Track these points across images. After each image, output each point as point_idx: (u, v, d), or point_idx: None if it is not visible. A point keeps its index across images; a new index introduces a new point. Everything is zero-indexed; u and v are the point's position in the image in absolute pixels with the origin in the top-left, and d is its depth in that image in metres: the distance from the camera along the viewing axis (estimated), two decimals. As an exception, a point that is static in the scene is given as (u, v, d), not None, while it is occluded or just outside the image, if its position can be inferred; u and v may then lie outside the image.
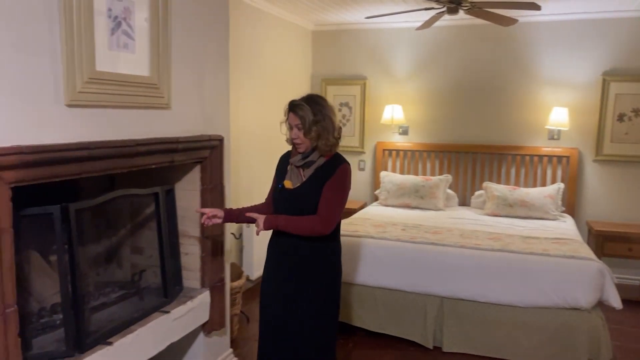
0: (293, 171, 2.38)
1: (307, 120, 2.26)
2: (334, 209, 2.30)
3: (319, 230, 2.27)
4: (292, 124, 2.29)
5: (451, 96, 5.25)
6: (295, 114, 2.29)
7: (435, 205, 4.83)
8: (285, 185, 2.39)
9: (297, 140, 2.31)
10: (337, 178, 2.30)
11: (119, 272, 2.80)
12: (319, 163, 2.33)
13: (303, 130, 2.28)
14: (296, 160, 2.35)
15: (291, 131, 2.33)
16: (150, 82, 2.31)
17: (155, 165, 2.37)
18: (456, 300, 3.41)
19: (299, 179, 2.36)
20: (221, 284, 2.89)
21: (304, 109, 2.28)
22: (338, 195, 2.31)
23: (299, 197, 2.33)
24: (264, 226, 2.29)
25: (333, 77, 5.65)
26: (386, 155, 5.50)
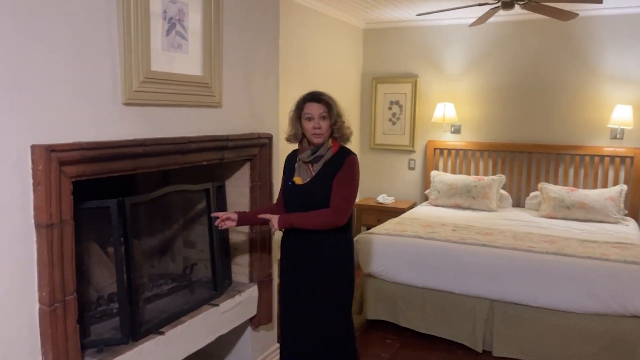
0: (302, 167, 2.38)
1: (335, 108, 2.31)
2: (346, 200, 2.30)
3: (333, 222, 2.28)
4: (315, 114, 2.29)
5: (506, 94, 5.09)
6: (321, 103, 2.30)
7: (488, 206, 4.71)
8: (295, 181, 2.39)
9: (318, 131, 2.30)
10: (346, 169, 2.30)
11: (172, 265, 2.90)
12: (327, 157, 2.34)
13: (329, 120, 2.30)
14: (305, 156, 2.36)
15: (309, 122, 2.31)
16: (202, 81, 2.39)
17: (206, 162, 2.44)
18: (507, 303, 3.31)
19: (308, 174, 2.36)
20: (269, 279, 2.94)
21: (331, 98, 2.33)
22: (349, 187, 2.31)
23: (309, 192, 2.34)
24: (278, 226, 2.31)
25: (384, 76, 5.61)
26: (437, 154, 5.41)
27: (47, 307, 1.71)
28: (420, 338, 3.55)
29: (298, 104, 2.37)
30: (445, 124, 5.29)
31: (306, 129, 2.34)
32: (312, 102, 2.33)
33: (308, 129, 2.33)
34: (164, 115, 2.19)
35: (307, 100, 2.34)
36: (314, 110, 2.31)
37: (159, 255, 2.80)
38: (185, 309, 2.44)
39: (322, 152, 2.33)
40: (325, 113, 2.31)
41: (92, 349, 2.04)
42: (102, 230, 2.28)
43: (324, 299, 2.38)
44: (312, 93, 2.35)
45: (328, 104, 2.32)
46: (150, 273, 2.66)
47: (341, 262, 2.41)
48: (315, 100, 2.32)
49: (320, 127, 2.30)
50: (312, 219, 2.30)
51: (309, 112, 2.31)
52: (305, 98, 2.36)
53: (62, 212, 1.74)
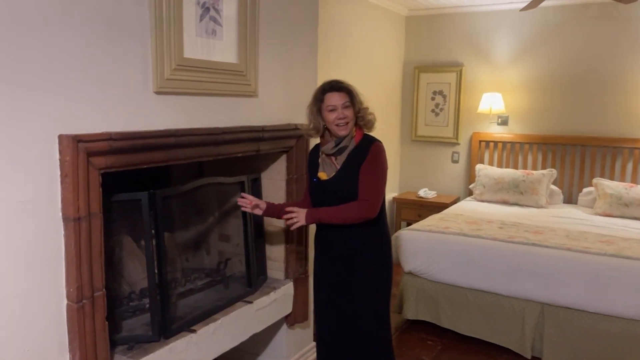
0: (325, 161, 2.26)
1: (357, 97, 2.20)
2: (375, 190, 2.18)
3: (364, 215, 2.16)
4: (337, 104, 2.16)
5: (558, 83, 4.78)
6: (342, 92, 2.18)
7: (537, 202, 4.45)
8: (320, 177, 2.27)
9: (343, 120, 2.17)
10: (372, 157, 2.18)
11: (206, 259, 2.83)
12: (351, 147, 2.21)
13: (353, 108, 2.18)
14: (328, 149, 2.23)
15: (332, 113, 2.17)
16: (237, 69, 2.28)
17: (241, 153, 2.34)
18: (559, 307, 3.08)
19: (332, 168, 2.24)
20: (305, 276, 2.83)
21: (351, 85, 2.21)
22: (376, 175, 2.18)
23: (335, 186, 2.22)
24: (306, 220, 2.18)
25: (427, 64, 5.38)
26: (482, 146, 5.16)
27: (74, 303, 1.65)
28: (463, 341, 3.37)
29: (316, 96, 2.23)
30: (492, 115, 5.03)
31: (329, 121, 2.19)
32: (333, 92, 2.18)
33: (331, 121, 2.18)
34: (197, 104, 2.09)
35: (327, 90, 2.20)
36: (336, 101, 2.17)
37: (192, 250, 2.73)
38: (218, 305, 2.36)
39: (346, 142, 2.21)
40: (349, 102, 2.18)
41: (122, 345, 1.98)
42: (136, 223, 2.22)
43: (358, 296, 2.27)
44: (331, 82, 2.21)
45: (350, 92, 2.19)
46: (184, 268, 2.59)
47: (376, 256, 2.28)
48: (335, 90, 2.19)
49: (345, 117, 2.17)
50: (340, 213, 2.17)
51: (331, 103, 2.17)
52: (325, 88, 2.21)
53: (90, 205, 1.67)
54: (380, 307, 2.32)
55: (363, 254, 2.26)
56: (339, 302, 2.30)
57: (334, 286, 2.31)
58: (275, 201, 2.70)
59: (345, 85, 2.20)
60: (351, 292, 2.27)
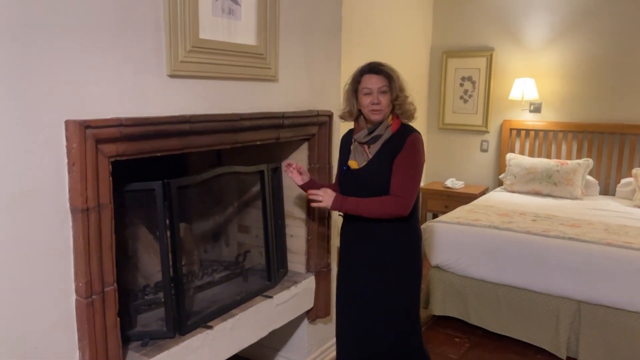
0: (357, 149, 2.13)
1: (397, 81, 2.04)
2: (410, 186, 2.03)
3: (395, 212, 2.02)
4: (374, 87, 2.02)
5: (595, 67, 4.52)
6: (381, 75, 2.04)
7: (572, 193, 4.23)
8: (350, 165, 2.13)
9: (377, 107, 2.03)
10: (409, 150, 2.03)
11: (224, 251, 2.74)
12: (386, 136, 2.07)
13: (390, 94, 2.04)
14: (361, 136, 2.09)
15: (367, 97, 2.04)
16: (257, 52, 2.15)
17: (260, 141, 2.22)
18: (597, 306, 2.90)
19: (364, 157, 2.10)
20: (327, 270, 2.71)
21: (392, 70, 2.06)
22: (412, 170, 2.03)
23: (365, 177, 2.08)
24: (331, 205, 2.06)
25: (455, 49, 5.16)
26: (514, 135, 4.93)
27: (83, 299, 1.57)
28: (492, 338, 3.21)
29: (354, 77, 2.10)
30: (524, 102, 4.80)
31: (363, 105, 2.07)
32: (371, 74, 2.05)
33: (365, 105, 2.05)
34: (214, 88, 1.98)
35: (365, 72, 2.07)
36: (372, 84, 2.04)
37: (211, 241, 2.64)
38: (236, 300, 2.26)
39: (381, 131, 2.06)
40: (386, 87, 2.04)
41: (136, 342, 1.89)
42: (151, 214, 2.13)
43: (385, 295, 2.14)
44: (371, 64, 2.08)
45: (389, 76, 2.05)
46: (202, 260, 2.50)
47: (406, 254, 2.15)
48: (374, 72, 2.05)
49: (379, 103, 2.03)
50: (370, 206, 2.03)
51: (367, 86, 2.04)
52: (363, 70, 2.08)
53: (100, 195, 1.58)
54: (407, 309, 2.19)
55: (392, 251, 2.13)
56: (364, 298, 2.18)
57: (359, 282, 2.19)
58: (297, 192, 2.59)
59: (386, 69, 2.05)
60: (375, 292, 2.15)
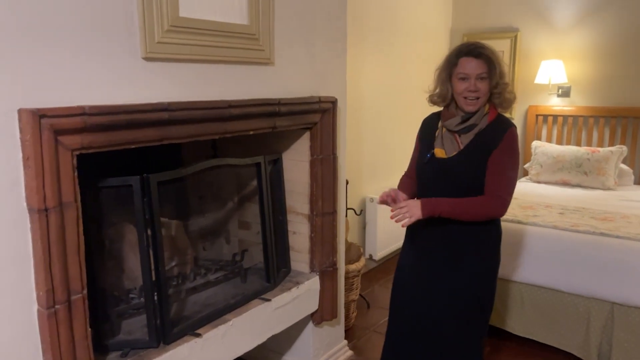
0: (446, 137, 1.95)
1: (498, 68, 1.85)
2: (511, 186, 1.88)
3: (494, 214, 1.89)
4: (472, 73, 1.83)
5: (629, 47, 4.16)
6: (481, 60, 1.83)
7: (604, 183, 3.91)
8: (436, 154, 1.94)
9: (474, 94, 1.85)
10: (508, 146, 1.86)
11: (226, 248, 2.57)
12: (482, 126, 1.89)
13: (490, 81, 1.85)
14: (452, 124, 1.92)
15: (462, 83, 1.86)
16: (248, 31, 1.95)
17: (254, 131, 2.03)
18: (632, 308, 2.62)
19: (454, 146, 1.92)
20: (333, 269, 2.51)
21: (494, 54, 1.86)
22: (512, 168, 1.89)
23: (455, 168, 1.90)
24: (422, 214, 1.82)
25: (477, 31, 4.86)
26: (540, 121, 4.62)
27: (45, 309, 1.40)
28: (516, 342, 2.97)
29: (450, 59, 1.91)
30: (551, 86, 4.48)
31: (457, 91, 1.88)
32: (470, 57, 1.85)
33: (460, 91, 1.87)
34: (197, 73, 1.78)
35: (463, 54, 1.87)
36: (470, 69, 1.83)
37: (209, 239, 2.46)
38: (231, 304, 2.09)
39: (476, 120, 1.89)
40: (485, 73, 1.84)
41: (116, 352, 1.73)
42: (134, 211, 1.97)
43: (457, 302, 1.96)
44: (470, 45, 1.88)
45: (490, 61, 1.84)
46: (197, 259, 2.33)
47: (486, 257, 1.99)
48: (473, 55, 1.84)
49: (477, 90, 1.84)
50: (469, 208, 1.85)
51: (464, 71, 1.84)
52: (461, 51, 1.88)
53: (62, 193, 1.40)
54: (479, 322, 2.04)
55: (471, 253, 1.95)
56: (424, 306, 2.01)
57: (422, 285, 2.02)
58: (299, 185, 2.42)
59: (487, 52, 1.85)
60: (448, 297, 1.97)
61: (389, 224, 4.02)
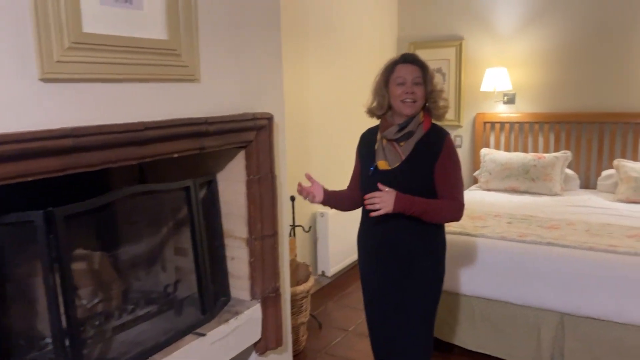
0: (387, 148, 2.01)
1: (431, 76, 1.99)
2: (462, 189, 2.01)
3: (455, 217, 1.99)
4: (408, 78, 1.95)
5: (571, 54, 4.24)
6: (416, 66, 1.97)
7: (550, 189, 3.94)
8: (380, 166, 2.01)
9: (411, 97, 1.94)
10: (450, 153, 1.97)
11: (157, 278, 2.39)
12: (419, 135, 1.98)
13: (425, 87, 1.96)
14: (391, 133, 1.99)
15: (399, 87, 1.95)
16: (168, 47, 1.80)
17: (179, 153, 1.87)
18: (582, 318, 2.60)
19: (396, 157, 1.98)
20: (276, 295, 2.37)
21: (425, 62, 2.00)
22: (459, 174, 2.01)
23: (400, 178, 1.96)
24: (394, 207, 1.86)
25: (423, 40, 4.85)
26: (487, 128, 4.64)
27: None
28: (467, 356, 2.90)
29: (387, 67, 2.02)
30: (497, 93, 4.50)
31: (395, 96, 1.97)
32: (406, 63, 1.99)
33: (397, 95, 1.96)
34: (109, 94, 1.62)
35: (399, 62, 2.00)
36: (407, 73, 1.96)
37: (136, 269, 2.28)
38: (161, 342, 1.91)
39: (413, 127, 1.97)
40: (420, 78, 1.96)
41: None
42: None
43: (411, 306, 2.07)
44: (404, 55, 2.02)
45: (424, 67, 1.99)
46: (123, 294, 2.14)
47: (435, 262, 2.08)
48: (409, 62, 1.99)
49: (413, 93, 1.94)
50: (439, 210, 1.94)
51: (401, 75, 1.96)
52: (397, 60, 2.01)
53: (-61, 237, 1.21)
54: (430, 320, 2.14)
55: (422, 259, 2.04)
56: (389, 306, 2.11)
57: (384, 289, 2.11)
58: (236, 207, 2.27)
59: (420, 60, 2.00)
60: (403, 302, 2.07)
61: (341, 238, 3.92)
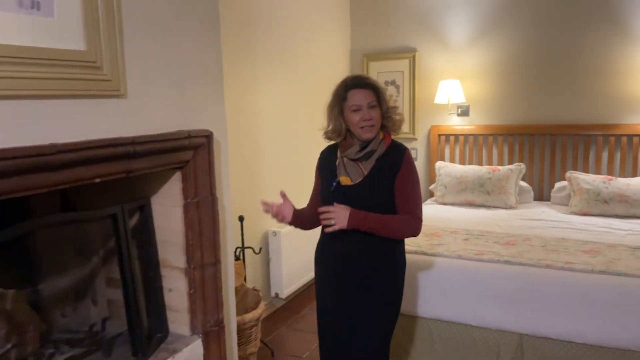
0: (349, 165, 2.01)
1: (384, 94, 1.98)
2: (420, 204, 2.01)
3: (414, 232, 1.98)
4: (363, 103, 1.92)
5: (522, 66, 4.25)
6: (368, 90, 1.94)
7: (506, 202, 3.90)
8: (342, 181, 2.00)
9: (369, 122, 1.93)
10: (409, 168, 1.98)
11: (88, 314, 2.15)
12: (380, 152, 1.99)
13: (380, 108, 1.96)
14: (352, 153, 1.98)
15: (356, 114, 1.93)
16: (86, 59, 1.60)
17: (101, 178, 1.66)
18: (541, 339, 2.53)
19: (358, 172, 1.99)
20: (219, 328, 2.18)
21: (377, 82, 1.99)
22: (417, 188, 2.01)
23: (361, 194, 1.96)
24: (349, 223, 1.87)
25: (376, 51, 4.78)
26: (442, 141, 4.59)
27: None
28: (428, 381, 2.78)
29: (338, 93, 1.98)
30: (451, 105, 4.46)
31: (352, 123, 1.95)
32: (357, 89, 1.94)
33: (355, 122, 1.94)
34: (11, 112, 1.41)
35: (350, 87, 1.96)
36: (361, 99, 1.93)
37: (62, 306, 2.04)
38: (82, 392, 1.69)
39: (374, 146, 1.98)
40: (375, 101, 1.94)
41: None
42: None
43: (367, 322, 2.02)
44: (355, 78, 1.98)
45: (377, 89, 1.96)
46: (44, 335, 1.90)
47: (394, 279, 2.05)
48: (360, 87, 1.94)
49: (371, 119, 1.93)
50: (395, 226, 1.93)
51: (356, 103, 1.93)
52: (347, 85, 1.96)
53: None
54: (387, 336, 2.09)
55: (380, 275, 2.00)
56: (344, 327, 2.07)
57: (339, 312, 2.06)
58: (172, 234, 2.07)
59: (372, 82, 1.97)
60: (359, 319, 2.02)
61: (295, 258, 3.75)
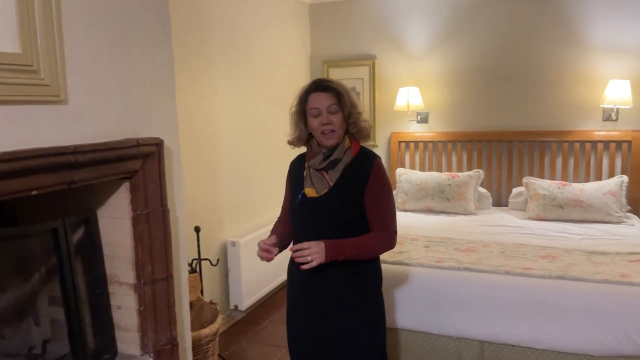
0: (315, 176, 1.91)
1: (347, 98, 1.85)
2: (394, 218, 1.90)
3: (390, 247, 1.89)
4: (322, 106, 1.83)
5: (480, 74, 4.31)
6: (329, 93, 1.84)
7: (465, 208, 3.93)
8: (307, 193, 1.90)
9: (329, 127, 1.83)
10: (379, 178, 1.87)
11: (30, 334, 2.00)
12: (346, 161, 1.88)
13: (342, 112, 1.84)
14: (316, 163, 1.89)
15: (316, 119, 1.84)
16: (21, 62, 1.48)
17: (39, 190, 1.54)
18: (502, 345, 2.52)
19: (324, 184, 1.89)
20: (172, 346, 2.06)
21: (340, 85, 1.87)
22: (390, 199, 1.89)
23: (328, 205, 1.86)
24: (326, 257, 1.72)
25: (336, 58, 4.76)
26: (402, 148, 4.60)
27: None
28: (391, 392, 2.74)
29: (300, 97, 1.90)
30: (410, 112, 4.48)
31: (313, 128, 1.86)
32: (318, 92, 1.85)
33: (315, 127, 1.85)
34: None
35: (311, 90, 1.87)
36: (320, 103, 1.83)
37: (9, 323, 1.88)
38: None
39: (339, 154, 1.87)
40: (336, 105, 1.83)
41: None
42: None
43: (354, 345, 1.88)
44: (316, 81, 1.90)
45: (338, 92, 1.85)
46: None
47: (376, 300, 1.96)
48: (320, 90, 1.85)
49: (330, 123, 1.82)
50: (371, 247, 1.84)
51: (315, 106, 1.84)
52: (309, 88, 1.89)
53: None
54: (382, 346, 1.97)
55: (364, 298, 1.90)
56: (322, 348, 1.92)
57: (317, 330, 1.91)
58: (120, 249, 1.96)
59: (334, 85, 1.86)
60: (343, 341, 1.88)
61: (255, 269, 3.65)
